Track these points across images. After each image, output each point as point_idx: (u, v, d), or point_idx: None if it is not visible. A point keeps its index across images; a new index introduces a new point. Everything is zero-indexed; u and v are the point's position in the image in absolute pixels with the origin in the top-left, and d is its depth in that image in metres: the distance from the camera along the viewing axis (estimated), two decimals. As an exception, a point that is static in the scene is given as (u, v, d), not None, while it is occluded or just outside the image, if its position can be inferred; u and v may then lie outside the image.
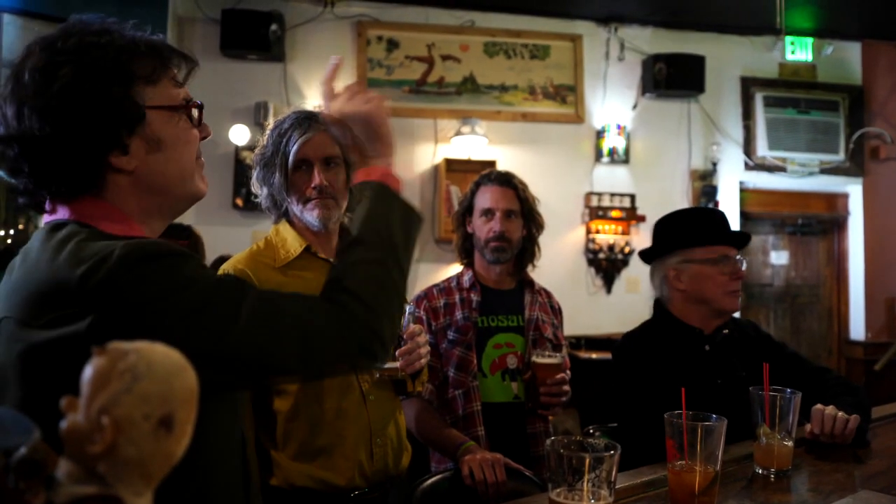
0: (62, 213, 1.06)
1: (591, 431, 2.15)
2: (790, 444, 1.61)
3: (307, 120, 1.73)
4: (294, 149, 1.69)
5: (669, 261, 2.09)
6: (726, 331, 2.09)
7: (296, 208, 1.74)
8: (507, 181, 2.35)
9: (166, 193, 1.12)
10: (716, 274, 2.02)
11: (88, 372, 0.47)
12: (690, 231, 2.08)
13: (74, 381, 0.85)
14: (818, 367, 2.16)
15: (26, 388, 0.94)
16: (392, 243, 1.17)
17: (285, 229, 1.79)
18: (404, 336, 1.76)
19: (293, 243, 1.74)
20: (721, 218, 2.15)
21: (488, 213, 2.31)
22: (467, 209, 2.40)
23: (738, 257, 2.06)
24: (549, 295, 2.47)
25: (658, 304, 2.18)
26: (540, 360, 2.15)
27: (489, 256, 2.31)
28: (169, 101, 1.11)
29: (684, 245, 2.07)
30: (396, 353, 1.72)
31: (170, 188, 1.13)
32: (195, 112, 1.17)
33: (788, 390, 1.63)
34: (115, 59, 1.03)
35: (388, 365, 1.72)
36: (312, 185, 1.70)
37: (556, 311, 2.47)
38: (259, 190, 1.79)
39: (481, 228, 2.32)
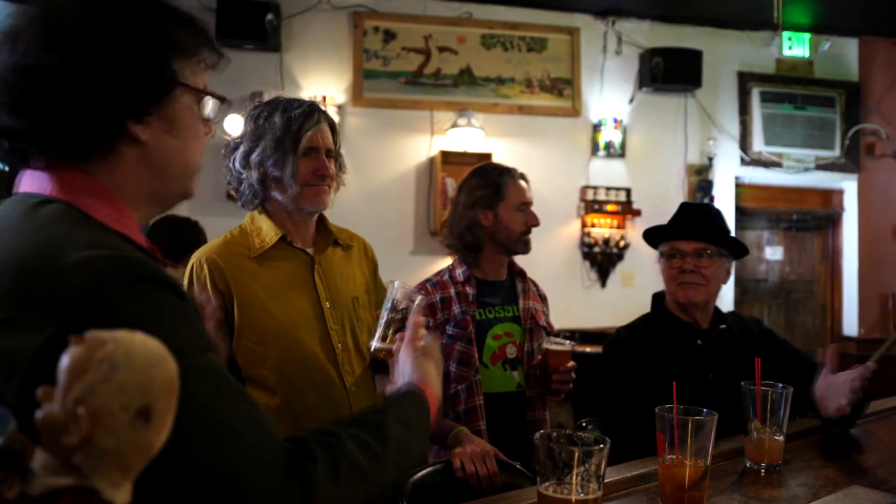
0: (45, 184, 0.91)
1: (584, 425, 2.16)
2: (781, 438, 1.61)
3: (316, 111, 1.77)
4: (308, 135, 1.72)
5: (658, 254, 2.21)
6: (723, 326, 2.12)
7: (290, 193, 1.73)
8: (526, 179, 2.40)
9: (165, 181, 1.02)
10: (667, 268, 2.13)
11: (65, 361, 0.46)
12: (666, 226, 2.19)
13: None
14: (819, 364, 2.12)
15: None
16: (408, 454, 1.07)
17: (260, 218, 1.78)
18: (409, 322, 1.74)
19: (268, 232, 1.75)
20: (690, 212, 2.18)
21: (525, 205, 2.34)
22: (492, 200, 2.33)
23: (694, 252, 2.09)
24: (535, 283, 2.48)
25: (656, 298, 2.23)
26: (553, 347, 2.14)
27: (522, 249, 2.34)
28: (196, 83, 1.02)
29: (658, 237, 2.19)
30: (397, 336, 1.71)
31: (169, 177, 1.02)
32: (212, 105, 1.06)
33: (780, 385, 1.63)
34: (160, 23, 0.95)
35: (385, 345, 1.69)
36: (318, 172, 1.74)
37: (544, 299, 2.49)
38: (240, 173, 1.76)
39: (516, 220, 2.31)
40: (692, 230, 2.12)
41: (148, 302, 0.82)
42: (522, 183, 2.37)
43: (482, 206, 2.32)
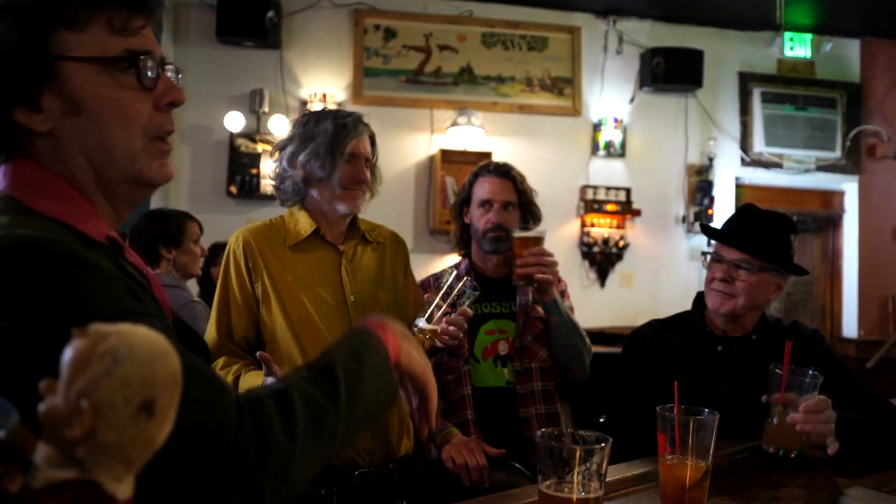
0: (1, 176, 0.91)
1: (602, 421, 2.18)
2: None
3: (361, 122, 1.93)
4: (352, 143, 1.87)
5: None
6: (755, 336, 2.01)
7: (330, 194, 1.88)
8: (506, 172, 2.35)
9: (99, 168, 0.92)
10: (708, 270, 2.03)
11: (68, 354, 0.46)
12: (723, 224, 2.08)
13: None
14: (869, 396, 1.89)
15: None
16: (362, 415, 0.94)
17: (298, 212, 1.93)
18: (457, 311, 1.82)
19: (304, 224, 1.89)
20: (744, 217, 2.02)
21: (486, 204, 2.32)
22: (465, 200, 2.41)
23: (734, 262, 1.95)
24: None
25: (697, 296, 2.15)
26: (516, 234, 2.18)
27: (487, 247, 2.33)
28: (96, 52, 0.89)
29: (709, 234, 2.11)
30: (444, 319, 1.79)
31: (97, 165, 0.92)
32: (148, 68, 0.92)
33: (809, 371, 1.64)
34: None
35: (430, 326, 1.79)
36: (356, 178, 1.88)
37: None
38: (285, 171, 1.90)
39: (479, 219, 2.32)
40: (738, 238, 1.96)
41: (51, 280, 0.76)
42: (492, 178, 2.34)
43: (462, 204, 2.41)
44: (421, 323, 1.79)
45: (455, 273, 1.84)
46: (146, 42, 0.93)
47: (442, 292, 1.80)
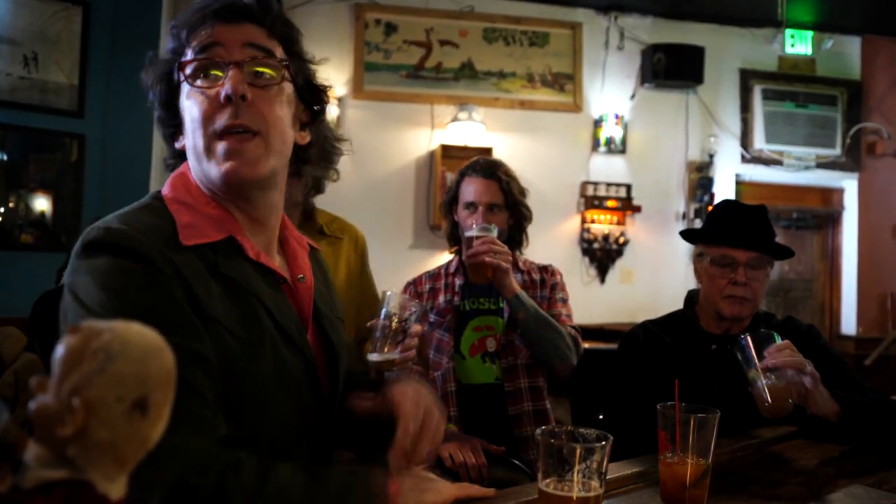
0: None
1: (601, 419, 2.18)
2: (782, 383, 1.59)
3: None
4: None
5: (694, 251, 2.07)
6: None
7: None
8: (492, 173, 2.29)
9: (197, 167, 1.05)
10: (717, 275, 1.95)
11: (60, 351, 0.45)
12: (711, 225, 2.01)
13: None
14: (869, 392, 1.85)
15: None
16: None
17: None
18: (410, 332, 1.67)
19: None
20: (745, 216, 1.95)
21: (471, 206, 2.29)
22: (453, 199, 2.38)
23: (748, 263, 1.91)
24: (541, 271, 2.42)
25: (689, 296, 2.14)
26: (466, 234, 2.18)
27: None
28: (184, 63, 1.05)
29: (704, 239, 2.03)
30: (399, 347, 1.64)
31: (195, 162, 1.04)
32: (196, 69, 1.01)
33: (763, 330, 1.63)
34: (167, 63, 1.08)
35: (387, 356, 1.63)
36: None
37: (543, 284, 2.39)
38: None
39: (465, 221, 2.30)
40: (749, 238, 1.91)
41: (93, 268, 0.89)
42: (478, 179, 2.30)
43: (451, 202, 2.40)
44: (373, 357, 1.62)
45: (390, 294, 1.66)
46: (211, 46, 1.01)
47: (383, 316, 1.62)
